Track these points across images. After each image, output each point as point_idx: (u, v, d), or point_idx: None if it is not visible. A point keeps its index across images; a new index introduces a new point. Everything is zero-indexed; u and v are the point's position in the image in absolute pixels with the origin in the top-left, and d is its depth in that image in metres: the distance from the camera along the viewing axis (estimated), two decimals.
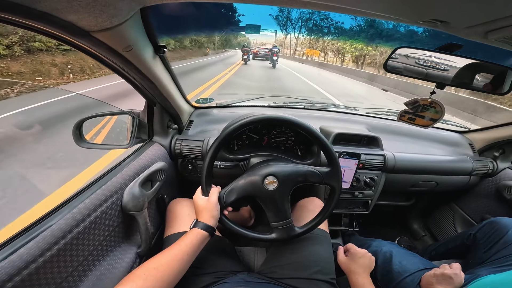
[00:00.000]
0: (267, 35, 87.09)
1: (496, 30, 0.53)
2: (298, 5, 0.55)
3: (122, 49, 0.69)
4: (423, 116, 0.99)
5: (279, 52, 17.81)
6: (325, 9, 0.56)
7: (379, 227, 1.85)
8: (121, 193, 0.86)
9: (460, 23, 0.55)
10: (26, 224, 0.63)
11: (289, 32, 61.13)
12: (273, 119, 0.90)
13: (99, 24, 0.56)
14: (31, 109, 5.15)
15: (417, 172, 1.38)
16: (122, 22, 0.60)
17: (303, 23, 57.45)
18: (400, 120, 1.06)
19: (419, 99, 0.95)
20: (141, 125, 1.12)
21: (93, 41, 0.62)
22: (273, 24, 66.86)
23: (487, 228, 1.13)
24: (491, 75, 0.87)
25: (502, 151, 1.46)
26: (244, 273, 0.89)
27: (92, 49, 0.67)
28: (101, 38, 0.62)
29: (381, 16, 0.56)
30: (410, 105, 0.97)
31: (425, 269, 0.99)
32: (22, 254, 0.55)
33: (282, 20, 60.95)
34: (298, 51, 54.38)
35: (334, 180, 0.91)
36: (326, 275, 0.88)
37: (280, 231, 0.89)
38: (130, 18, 0.62)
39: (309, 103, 1.70)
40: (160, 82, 0.95)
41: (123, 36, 0.66)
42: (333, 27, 52.20)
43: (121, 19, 0.59)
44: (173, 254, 0.69)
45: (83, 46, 0.65)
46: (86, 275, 0.72)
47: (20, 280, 0.53)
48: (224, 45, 51.25)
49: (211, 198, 0.82)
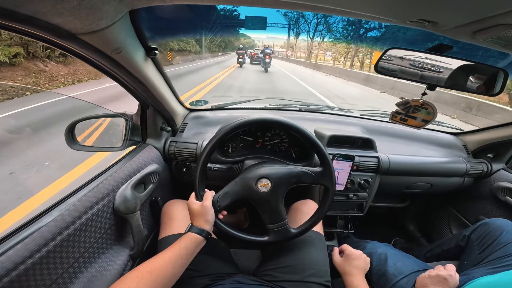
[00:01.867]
0: (273, 37, 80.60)
1: (484, 30, 0.54)
2: (284, 5, 0.55)
3: (111, 51, 0.69)
4: (415, 117, 0.99)
5: (272, 53, 17.27)
6: (312, 9, 0.56)
7: (375, 229, 1.85)
8: (113, 196, 0.86)
9: (448, 23, 0.55)
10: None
11: (301, 31, 53.40)
12: (265, 121, 0.90)
13: (85, 27, 0.56)
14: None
15: (411, 174, 1.38)
16: (110, 25, 0.60)
17: (319, 20, 46.93)
18: (392, 121, 1.06)
19: (410, 100, 0.95)
20: (135, 128, 1.11)
21: (81, 43, 0.62)
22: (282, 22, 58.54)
23: (482, 230, 1.13)
24: (484, 77, 0.87)
25: (496, 153, 1.47)
26: (239, 276, 0.89)
27: (80, 52, 0.66)
28: (89, 40, 0.62)
29: (369, 16, 0.57)
30: (401, 105, 0.97)
31: (420, 271, 0.99)
32: (10, 255, 0.55)
33: (293, 17, 51.27)
34: (314, 54, 47.18)
35: (327, 180, 0.91)
36: (321, 277, 0.88)
37: (275, 233, 0.89)
38: (118, 20, 0.62)
39: (304, 105, 1.70)
40: (152, 85, 0.94)
41: (112, 39, 0.65)
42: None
43: (108, 22, 0.58)
44: (167, 257, 0.68)
45: (71, 48, 0.64)
46: (77, 277, 0.72)
47: (8, 281, 0.53)
48: (223, 47, 47.00)
49: (205, 203, 0.81)
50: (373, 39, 34.07)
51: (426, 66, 0.85)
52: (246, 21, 25.92)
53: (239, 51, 18.98)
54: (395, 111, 1.02)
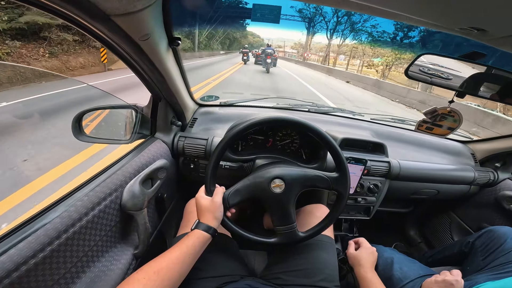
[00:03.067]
0: (285, 38, 73.56)
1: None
2: (330, 3, 0.52)
3: (139, 38, 0.66)
4: (441, 125, 0.98)
5: (273, 53, 17.16)
6: (358, 9, 0.53)
7: (376, 233, 1.85)
8: (120, 191, 0.82)
9: (498, 32, 0.53)
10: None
11: (317, 31, 44.21)
12: (284, 120, 0.87)
13: (122, 7, 0.53)
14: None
15: (420, 180, 1.38)
16: (145, 7, 0.57)
17: (339, 19, 39.61)
18: (418, 130, 1.05)
19: (438, 108, 0.94)
20: (144, 120, 1.08)
21: (112, 26, 0.58)
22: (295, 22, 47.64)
23: (486, 236, 1.15)
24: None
25: (504, 162, 1.48)
26: (250, 278, 0.87)
27: (107, 36, 0.63)
28: (121, 23, 0.59)
29: (417, 20, 0.54)
30: (429, 114, 0.96)
31: (425, 276, 1.00)
32: (12, 255, 0.51)
33: (308, 13, 43.94)
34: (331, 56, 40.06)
35: (342, 186, 0.89)
36: (331, 282, 0.87)
37: (283, 235, 0.87)
38: (153, 3, 0.59)
39: (314, 106, 1.67)
40: (169, 76, 0.91)
41: (143, 23, 0.63)
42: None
43: (145, 3, 0.55)
44: (173, 257, 0.66)
45: (98, 33, 0.61)
46: (79, 277, 0.68)
47: (9, 283, 0.49)
48: (227, 45, 41.81)
49: (215, 198, 0.78)
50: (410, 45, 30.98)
51: (449, 76, 0.83)
52: (254, 11, 20.21)
53: (244, 50, 20.64)
54: (422, 120, 1.01)
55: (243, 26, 46.78)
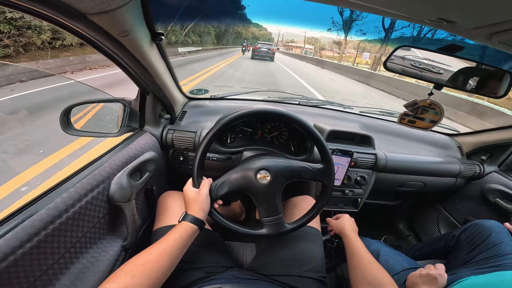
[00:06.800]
0: (293, 33, 69.69)
1: (502, 32, 0.53)
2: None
3: (118, 34, 0.66)
4: (423, 118, 0.99)
5: (272, 47, 17.92)
6: (330, 2, 0.55)
7: (366, 226, 1.87)
8: (108, 183, 0.83)
9: (467, 23, 0.54)
10: None
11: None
12: (270, 113, 0.88)
13: (96, 6, 0.53)
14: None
15: (407, 172, 1.40)
16: (121, 6, 0.57)
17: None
18: (401, 123, 1.05)
19: (418, 101, 0.94)
20: (133, 114, 1.08)
21: (89, 24, 0.59)
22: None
23: (471, 230, 1.16)
24: (488, 78, 0.87)
25: (490, 155, 1.50)
26: (235, 270, 0.88)
27: (86, 33, 0.63)
28: (97, 21, 0.59)
29: (388, 12, 0.55)
30: (409, 107, 0.96)
31: (410, 269, 1.01)
32: (0, 245, 0.52)
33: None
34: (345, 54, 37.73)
35: (327, 178, 0.90)
36: (317, 273, 0.88)
37: (270, 226, 0.87)
38: (130, 1, 0.59)
39: (304, 99, 1.69)
40: (154, 71, 0.91)
41: (120, 20, 0.63)
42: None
43: (120, 2, 0.56)
44: (161, 249, 0.66)
45: (77, 30, 0.61)
46: (67, 267, 0.70)
47: None
48: (233, 39, 41.05)
49: (202, 190, 0.79)
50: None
51: (427, 67, 0.85)
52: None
53: (243, 43, 28.62)
54: (403, 113, 1.01)
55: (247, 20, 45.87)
